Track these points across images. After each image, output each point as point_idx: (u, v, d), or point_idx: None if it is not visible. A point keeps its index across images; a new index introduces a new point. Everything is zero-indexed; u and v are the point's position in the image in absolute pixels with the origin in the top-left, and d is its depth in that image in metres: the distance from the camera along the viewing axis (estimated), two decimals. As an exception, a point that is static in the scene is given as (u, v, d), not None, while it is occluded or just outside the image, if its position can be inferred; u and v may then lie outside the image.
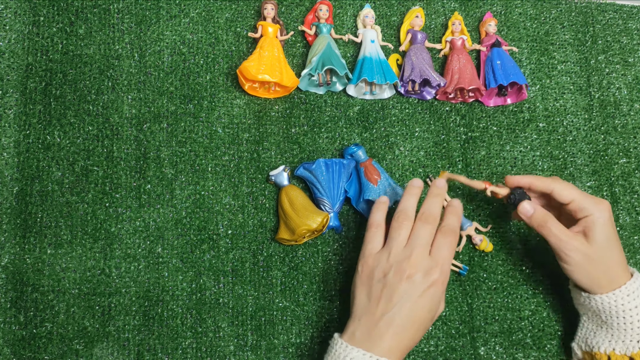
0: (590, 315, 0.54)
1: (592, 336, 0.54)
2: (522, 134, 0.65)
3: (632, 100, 0.68)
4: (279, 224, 0.58)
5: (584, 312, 0.55)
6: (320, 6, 0.64)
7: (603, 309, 0.52)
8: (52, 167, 0.58)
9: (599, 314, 0.52)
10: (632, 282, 0.51)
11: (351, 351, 0.46)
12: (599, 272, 0.51)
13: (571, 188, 0.53)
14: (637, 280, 0.52)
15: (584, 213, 0.52)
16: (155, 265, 0.57)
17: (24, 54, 0.61)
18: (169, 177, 0.60)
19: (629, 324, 0.51)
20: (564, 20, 0.70)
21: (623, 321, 0.51)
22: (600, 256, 0.51)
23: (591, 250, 0.51)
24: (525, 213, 0.53)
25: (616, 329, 0.51)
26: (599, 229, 0.51)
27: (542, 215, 0.52)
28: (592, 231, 0.51)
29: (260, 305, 0.58)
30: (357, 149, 0.60)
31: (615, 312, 0.51)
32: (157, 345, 0.56)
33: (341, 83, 0.64)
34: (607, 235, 0.51)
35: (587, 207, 0.52)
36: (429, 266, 0.48)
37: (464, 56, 0.64)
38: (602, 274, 0.51)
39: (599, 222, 0.51)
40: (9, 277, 0.56)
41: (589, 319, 0.55)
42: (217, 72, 0.63)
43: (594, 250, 0.51)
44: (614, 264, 0.52)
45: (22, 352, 0.54)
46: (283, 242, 0.58)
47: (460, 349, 0.59)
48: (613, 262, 0.52)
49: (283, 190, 0.59)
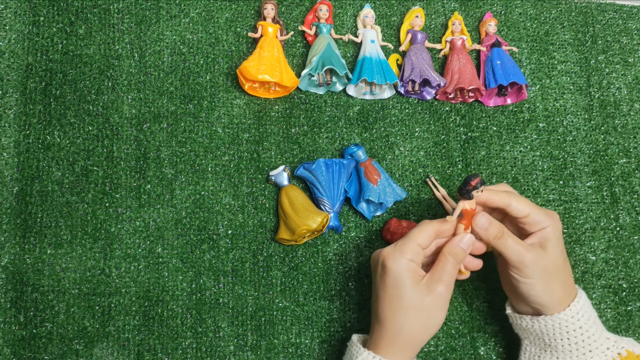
0: (532, 339, 0.52)
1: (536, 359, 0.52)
2: (522, 134, 0.65)
3: (632, 100, 0.69)
4: (279, 224, 0.58)
5: (525, 336, 0.53)
6: (320, 6, 0.64)
7: (547, 332, 0.50)
8: (52, 167, 0.58)
9: (542, 337, 0.51)
10: (577, 302, 0.49)
11: (367, 356, 0.47)
12: (556, 285, 0.49)
13: (526, 202, 0.50)
14: (581, 299, 0.50)
15: (539, 226, 0.50)
16: (155, 265, 0.57)
17: (24, 54, 0.61)
18: (169, 177, 0.60)
19: (574, 345, 0.49)
20: (564, 20, 0.70)
21: (568, 342, 0.49)
22: (556, 268, 0.49)
23: (548, 262, 0.49)
24: (482, 226, 0.49)
25: (561, 351, 0.50)
26: (555, 241, 0.49)
27: (499, 228, 0.49)
28: (549, 242, 0.49)
29: (260, 305, 0.58)
30: (357, 149, 0.60)
31: (560, 334, 0.49)
32: (157, 345, 0.56)
33: (341, 83, 0.64)
34: (561, 248, 0.50)
35: (542, 220, 0.50)
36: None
37: (464, 56, 0.64)
38: (560, 286, 0.49)
39: (554, 235, 0.49)
40: (9, 277, 0.56)
41: (532, 343, 0.53)
42: (217, 72, 0.63)
43: (550, 262, 0.49)
44: (568, 276, 0.50)
45: (22, 352, 0.54)
46: (283, 242, 0.58)
47: (460, 349, 0.59)
48: (567, 275, 0.50)
49: (283, 190, 0.59)
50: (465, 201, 0.48)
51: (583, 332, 0.49)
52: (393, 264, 0.47)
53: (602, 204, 0.64)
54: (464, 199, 0.48)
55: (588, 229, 0.63)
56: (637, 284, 0.62)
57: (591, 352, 0.49)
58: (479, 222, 0.49)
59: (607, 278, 0.62)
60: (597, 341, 0.49)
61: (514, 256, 0.48)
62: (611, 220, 0.64)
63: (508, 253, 0.48)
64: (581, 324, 0.49)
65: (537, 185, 0.64)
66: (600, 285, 0.62)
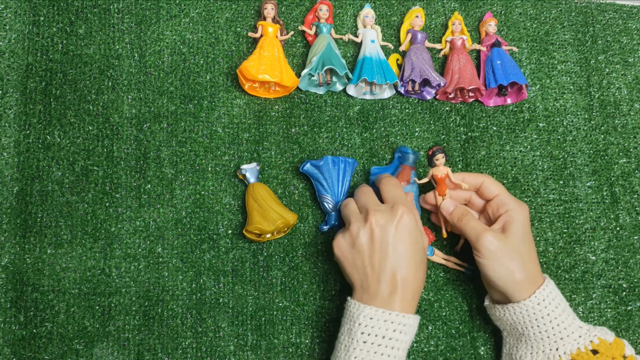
0: (509, 329, 0.54)
1: (515, 351, 0.53)
2: (522, 134, 0.65)
3: (632, 100, 0.69)
4: (250, 216, 0.57)
5: (503, 327, 0.55)
6: (320, 6, 0.64)
7: (518, 320, 0.51)
8: (52, 167, 0.58)
9: (516, 326, 0.52)
10: (543, 289, 0.51)
11: (364, 309, 0.48)
12: (514, 267, 0.50)
13: (499, 185, 0.55)
14: (547, 286, 0.51)
15: (505, 208, 0.53)
16: (155, 265, 0.57)
17: (24, 54, 0.61)
18: (169, 177, 0.60)
19: (544, 332, 0.50)
20: (564, 20, 0.70)
21: (539, 330, 0.50)
22: (515, 249, 0.51)
23: (506, 243, 0.51)
24: (447, 210, 0.56)
25: (534, 340, 0.51)
26: (517, 225, 0.52)
27: (462, 210, 0.55)
28: (511, 226, 0.52)
29: (260, 305, 0.58)
30: (411, 153, 0.61)
31: (529, 322, 0.51)
32: (157, 345, 0.56)
33: (341, 83, 0.64)
34: (523, 233, 0.52)
35: (508, 203, 0.53)
36: (388, 207, 0.51)
37: (464, 56, 0.64)
38: (518, 269, 0.50)
39: (518, 219, 0.52)
40: (9, 277, 0.56)
41: (509, 334, 0.54)
42: (217, 72, 0.63)
43: (509, 242, 0.51)
44: (529, 260, 0.52)
45: (22, 352, 0.54)
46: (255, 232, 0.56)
47: (460, 349, 0.59)
48: (528, 259, 0.52)
49: (257, 185, 0.58)
50: (433, 169, 0.57)
51: (552, 319, 0.50)
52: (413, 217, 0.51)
53: (602, 204, 0.64)
54: (431, 167, 0.57)
55: (588, 229, 0.63)
56: (637, 284, 0.62)
57: (562, 339, 0.50)
58: (444, 205, 0.56)
59: (607, 278, 0.62)
60: (567, 329, 0.50)
61: (472, 235, 0.52)
62: (611, 220, 0.64)
63: (468, 232, 0.53)
64: (549, 311, 0.50)
65: (537, 185, 0.64)
66: (600, 285, 0.62)
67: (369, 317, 0.47)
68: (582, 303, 0.61)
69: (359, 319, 0.48)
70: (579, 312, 0.61)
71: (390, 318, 0.47)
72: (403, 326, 0.48)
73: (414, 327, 0.49)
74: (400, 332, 0.47)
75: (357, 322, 0.48)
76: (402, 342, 0.48)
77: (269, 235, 0.57)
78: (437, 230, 0.61)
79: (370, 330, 0.47)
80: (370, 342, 0.47)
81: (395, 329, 0.47)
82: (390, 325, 0.47)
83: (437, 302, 0.60)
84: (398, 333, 0.47)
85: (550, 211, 0.63)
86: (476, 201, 0.57)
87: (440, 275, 0.60)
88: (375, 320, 0.47)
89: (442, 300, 0.60)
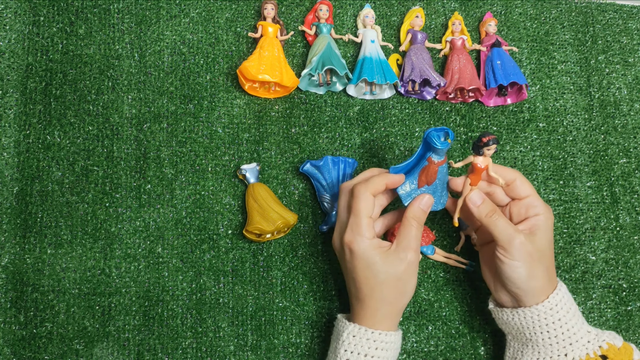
0: (515, 333, 0.52)
1: (520, 356, 0.52)
2: (522, 134, 0.65)
3: (632, 100, 0.69)
4: (251, 216, 0.57)
5: (508, 330, 0.53)
6: (320, 6, 0.64)
7: (527, 325, 0.50)
8: (52, 167, 0.58)
9: (523, 330, 0.51)
10: (556, 294, 0.50)
11: (347, 327, 0.49)
12: (539, 272, 0.49)
13: (530, 185, 0.52)
14: (560, 291, 0.50)
15: (534, 211, 0.51)
16: (155, 265, 0.57)
17: (24, 54, 0.61)
18: (169, 177, 0.60)
19: (554, 338, 0.49)
20: (564, 20, 0.70)
21: (547, 336, 0.49)
22: (541, 256, 0.49)
23: (534, 248, 0.49)
24: (474, 202, 0.51)
25: (541, 345, 0.50)
26: (544, 230, 0.50)
27: (490, 207, 0.50)
28: (539, 230, 0.50)
29: (260, 305, 0.58)
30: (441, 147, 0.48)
31: (539, 327, 0.50)
32: (157, 345, 0.56)
33: (341, 83, 0.64)
34: (549, 238, 0.51)
35: (538, 206, 0.51)
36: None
37: (464, 56, 0.64)
38: (542, 274, 0.49)
39: (547, 224, 0.50)
40: (9, 277, 0.56)
41: (514, 338, 0.53)
42: (217, 72, 0.63)
43: (536, 248, 0.49)
44: (551, 266, 0.51)
45: (22, 352, 0.54)
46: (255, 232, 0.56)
47: (460, 349, 0.59)
48: (550, 264, 0.51)
49: (257, 185, 0.58)
50: (476, 157, 0.50)
51: (562, 324, 0.49)
52: (358, 248, 0.48)
53: (602, 204, 0.64)
54: (475, 155, 0.50)
55: (588, 229, 0.63)
56: (637, 284, 0.62)
57: (571, 345, 0.49)
58: (472, 197, 0.51)
59: (607, 278, 0.62)
60: (576, 334, 0.49)
61: (503, 235, 0.49)
62: (611, 220, 0.64)
63: (497, 231, 0.49)
64: (560, 317, 0.49)
65: (537, 185, 0.64)
66: (600, 285, 0.62)
67: (352, 334, 0.48)
68: (582, 303, 0.61)
69: (342, 336, 0.49)
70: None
71: (372, 337, 0.48)
72: (385, 344, 0.48)
73: (396, 343, 0.50)
74: (382, 350, 0.48)
75: (341, 340, 0.49)
76: (384, 358, 0.48)
77: (269, 235, 0.57)
78: (437, 230, 0.61)
79: (353, 348, 0.48)
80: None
81: (377, 347, 0.48)
82: (372, 343, 0.48)
83: (437, 302, 0.60)
84: (380, 350, 0.48)
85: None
86: (500, 196, 0.53)
87: (440, 275, 0.60)
88: (357, 338, 0.48)
89: (442, 300, 0.60)
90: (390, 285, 0.48)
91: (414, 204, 0.50)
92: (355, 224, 0.49)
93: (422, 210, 0.50)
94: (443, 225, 0.61)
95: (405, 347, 0.58)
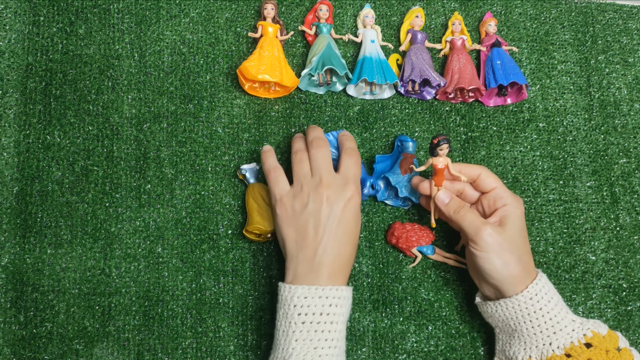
0: (502, 326, 0.53)
1: (508, 347, 0.53)
2: (522, 134, 0.66)
3: (632, 100, 0.69)
4: (251, 216, 0.57)
5: (495, 323, 0.54)
6: (320, 6, 0.64)
7: (510, 316, 0.51)
8: (52, 167, 0.58)
9: (508, 322, 0.52)
10: (535, 283, 0.50)
11: (296, 290, 0.48)
12: (511, 260, 0.50)
13: (495, 178, 0.54)
14: (540, 280, 0.51)
15: (502, 202, 0.53)
16: (155, 265, 0.57)
17: (24, 54, 0.61)
18: (169, 177, 0.60)
19: (537, 327, 0.50)
20: (564, 20, 0.70)
21: (531, 325, 0.50)
22: (511, 245, 0.51)
23: (504, 237, 0.50)
24: (442, 201, 0.54)
25: (527, 335, 0.51)
26: (514, 219, 0.52)
27: (458, 203, 0.53)
28: (508, 220, 0.52)
29: (260, 305, 0.58)
30: (411, 142, 0.61)
31: (522, 317, 0.50)
32: (157, 345, 0.56)
33: (341, 83, 0.64)
34: (520, 227, 0.52)
35: (505, 197, 0.53)
36: (342, 183, 0.52)
37: (464, 56, 0.64)
38: (515, 262, 0.50)
39: (515, 213, 0.52)
40: (9, 277, 0.56)
41: (501, 330, 0.54)
42: (217, 72, 0.63)
43: (506, 237, 0.51)
44: (524, 254, 0.52)
45: (22, 352, 0.54)
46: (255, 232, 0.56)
47: (460, 349, 0.59)
48: (524, 252, 0.52)
49: (257, 185, 0.58)
50: (433, 158, 0.53)
51: (544, 314, 0.50)
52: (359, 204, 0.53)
53: (602, 204, 0.64)
54: (432, 156, 0.53)
55: (588, 229, 0.63)
56: (637, 284, 0.62)
57: (555, 334, 0.50)
58: (439, 197, 0.54)
59: (607, 278, 0.62)
60: (560, 323, 0.50)
61: (470, 228, 0.51)
62: (611, 220, 0.64)
63: (465, 225, 0.51)
64: (541, 306, 0.50)
65: (537, 185, 0.64)
66: (600, 285, 0.62)
67: (303, 296, 0.48)
68: (582, 303, 0.61)
69: (293, 300, 0.48)
70: (579, 312, 0.61)
71: (324, 293, 0.48)
72: (338, 299, 0.48)
73: (348, 299, 0.50)
74: (336, 306, 0.48)
75: (292, 304, 0.48)
76: (339, 315, 0.48)
77: (269, 235, 0.57)
78: (437, 230, 0.61)
79: (307, 309, 0.47)
80: (309, 322, 0.47)
81: (331, 304, 0.48)
82: (325, 300, 0.48)
83: (437, 302, 0.60)
84: (334, 307, 0.48)
85: (550, 211, 0.63)
86: (470, 193, 0.56)
87: (440, 275, 0.60)
88: (310, 298, 0.48)
89: (442, 300, 0.60)
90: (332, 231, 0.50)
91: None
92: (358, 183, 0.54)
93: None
94: (443, 225, 0.61)
95: (405, 347, 0.58)
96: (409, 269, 0.60)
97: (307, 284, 0.49)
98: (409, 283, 0.60)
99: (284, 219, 0.52)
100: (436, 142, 0.52)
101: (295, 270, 0.50)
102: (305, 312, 0.47)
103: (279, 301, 0.50)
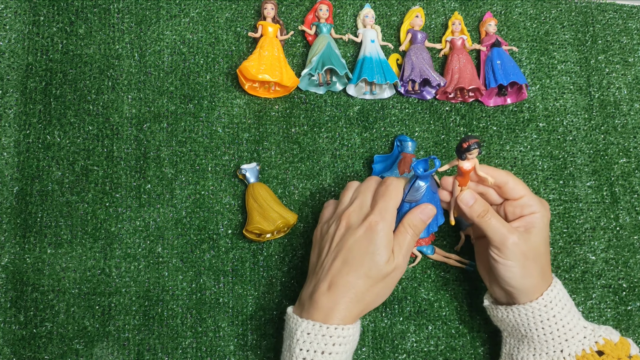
0: (510, 330, 0.52)
1: (516, 352, 0.52)
2: (522, 134, 0.66)
3: (632, 100, 0.69)
4: (251, 216, 0.57)
5: (503, 327, 0.53)
6: (320, 6, 0.64)
7: (522, 322, 0.50)
8: (52, 167, 0.58)
9: (518, 327, 0.51)
10: (551, 290, 0.49)
11: (300, 324, 0.46)
12: (533, 271, 0.49)
13: (523, 185, 0.51)
14: (555, 287, 0.50)
15: (530, 210, 0.50)
16: (155, 265, 0.57)
17: (24, 53, 0.61)
18: (169, 177, 0.60)
19: (549, 335, 0.49)
20: (564, 20, 0.70)
21: (543, 332, 0.49)
22: (536, 254, 0.49)
23: (529, 247, 0.48)
24: (466, 203, 0.50)
25: (537, 342, 0.49)
26: (540, 228, 0.49)
27: (483, 207, 0.49)
28: (534, 228, 0.49)
29: (260, 305, 0.58)
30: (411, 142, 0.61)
31: (534, 324, 0.49)
32: (157, 345, 0.56)
33: (341, 83, 0.64)
34: (545, 236, 0.50)
35: (533, 205, 0.50)
36: (366, 210, 0.48)
37: (464, 56, 0.64)
38: (537, 272, 0.49)
39: (542, 222, 0.50)
40: (9, 277, 0.56)
41: (510, 335, 0.53)
42: (217, 72, 0.63)
43: (531, 247, 0.48)
44: (546, 264, 0.50)
45: (22, 352, 0.54)
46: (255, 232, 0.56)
47: (460, 349, 0.59)
48: (545, 262, 0.50)
49: (257, 185, 0.58)
50: (461, 161, 0.48)
51: (557, 321, 0.49)
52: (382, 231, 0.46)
53: (602, 204, 0.64)
54: (459, 159, 0.48)
55: (588, 229, 0.63)
56: (637, 284, 0.62)
57: (567, 341, 0.49)
58: (464, 198, 0.50)
59: (607, 278, 0.62)
60: (572, 330, 0.49)
61: (496, 236, 0.48)
62: (611, 220, 0.64)
63: (490, 232, 0.49)
64: (555, 313, 0.49)
65: (537, 185, 0.64)
66: (600, 285, 0.62)
67: (306, 332, 0.46)
68: (582, 303, 0.61)
69: (296, 334, 0.46)
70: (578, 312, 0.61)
71: (328, 332, 0.45)
72: (342, 338, 0.46)
73: (354, 336, 0.47)
74: (339, 345, 0.46)
75: (295, 338, 0.46)
76: (342, 353, 0.46)
77: (269, 235, 0.57)
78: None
79: (309, 346, 0.46)
80: (310, 358, 0.46)
81: (334, 343, 0.45)
82: (329, 339, 0.46)
83: (437, 302, 0.60)
84: (338, 346, 0.46)
85: (550, 211, 0.63)
86: (493, 197, 0.52)
87: (440, 275, 0.60)
88: (312, 335, 0.46)
89: (442, 300, 0.60)
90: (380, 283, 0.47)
91: (415, 211, 0.49)
92: (384, 209, 0.47)
93: (421, 220, 0.49)
94: (443, 225, 0.61)
95: (405, 347, 0.58)
96: (409, 269, 0.60)
97: (311, 319, 0.46)
98: (408, 283, 0.60)
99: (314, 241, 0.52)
100: (466, 146, 0.46)
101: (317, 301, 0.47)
102: (307, 349, 0.46)
103: (285, 329, 0.49)
